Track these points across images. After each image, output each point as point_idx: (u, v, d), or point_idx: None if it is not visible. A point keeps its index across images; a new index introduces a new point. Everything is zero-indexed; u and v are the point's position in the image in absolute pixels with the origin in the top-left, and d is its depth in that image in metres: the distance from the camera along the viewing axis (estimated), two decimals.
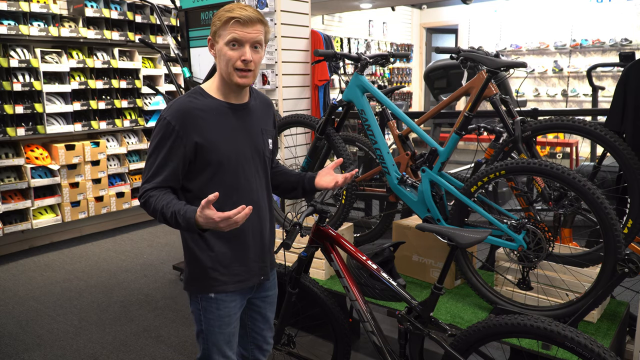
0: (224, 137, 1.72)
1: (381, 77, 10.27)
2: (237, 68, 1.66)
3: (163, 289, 4.00)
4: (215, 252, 1.76)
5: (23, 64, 4.54)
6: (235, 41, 1.64)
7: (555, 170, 2.05)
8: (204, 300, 1.79)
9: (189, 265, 1.81)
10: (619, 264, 1.96)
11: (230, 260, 1.78)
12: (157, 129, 1.69)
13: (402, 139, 2.71)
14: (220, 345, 1.84)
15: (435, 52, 2.55)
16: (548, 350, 2.06)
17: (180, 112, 1.66)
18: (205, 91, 1.75)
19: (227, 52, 1.66)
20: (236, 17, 1.62)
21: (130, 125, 5.47)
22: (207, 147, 1.68)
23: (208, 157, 1.69)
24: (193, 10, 3.93)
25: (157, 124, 1.69)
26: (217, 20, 1.67)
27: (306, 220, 2.16)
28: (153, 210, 1.65)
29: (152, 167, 1.68)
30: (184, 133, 1.65)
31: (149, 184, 1.68)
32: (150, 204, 1.65)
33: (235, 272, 1.80)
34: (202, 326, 1.82)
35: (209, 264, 1.76)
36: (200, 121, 1.68)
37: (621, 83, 2.29)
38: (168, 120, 1.66)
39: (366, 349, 3.01)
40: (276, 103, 3.62)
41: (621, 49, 8.61)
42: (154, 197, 1.65)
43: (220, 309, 1.80)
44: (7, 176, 4.61)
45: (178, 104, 1.69)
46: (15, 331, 3.34)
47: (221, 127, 1.72)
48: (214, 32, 1.69)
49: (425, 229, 2.03)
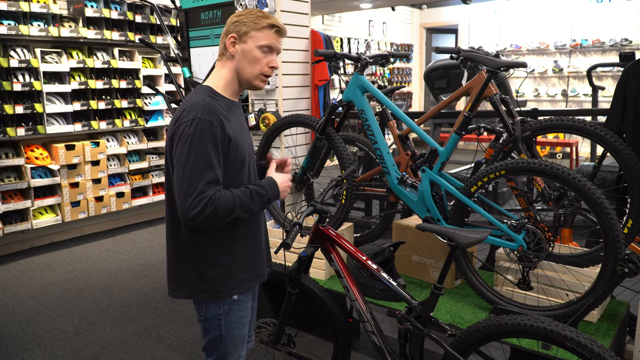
0: (242, 135, 1.75)
1: (381, 77, 10.27)
2: (263, 73, 1.73)
3: (163, 289, 4.00)
4: (239, 251, 1.76)
5: (23, 64, 4.54)
6: (269, 48, 1.70)
7: (555, 170, 2.05)
8: (227, 304, 1.76)
9: (209, 270, 1.72)
10: (619, 264, 1.95)
11: (252, 257, 1.81)
12: (197, 131, 1.57)
13: (402, 139, 2.71)
14: (237, 346, 1.84)
15: (435, 52, 2.55)
16: (548, 350, 2.06)
17: (212, 111, 1.62)
18: (216, 90, 1.73)
19: (258, 55, 1.69)
20: (278, 26, 1.71)
21: (130, 125, 5.47)
22: (235, 144, 1.67)
23: (235, 155, 1.69)
24: (193, 10, 3.93)
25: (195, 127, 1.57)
26: (251, 22, 1.68)
27: (306, 220, 2.16)
28: (228, 209, 1.58)
29: (204, 172, 1.57)
30: (223, 130, 1.62)
31: (210, 191, 1.56)
32: (222, 206, 1.57)
33: (256, 268, 1.83)
34: (222, 331, 1.79)
35: (234, 264, 1.75)
36: (226, 119, 1.66)
37: (621, 83, 2.29)
38: (209, 121, 1.59)
39: (366, 349, 3.01)
40: (276, 103, 3.62)
41: (621, 49, 8.61)
42: (221, 198, 1.58)
43: (242, 309, 1.80)
44: (7, 176, 4.61)
45: (207, 104, 1.63)
46: (15, 331, 3.34)
47: (237, 124, 1.74)
48: (246, 32, 1.68)
49: (425, 229, 2.03)
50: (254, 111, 3.69)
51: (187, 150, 1.57)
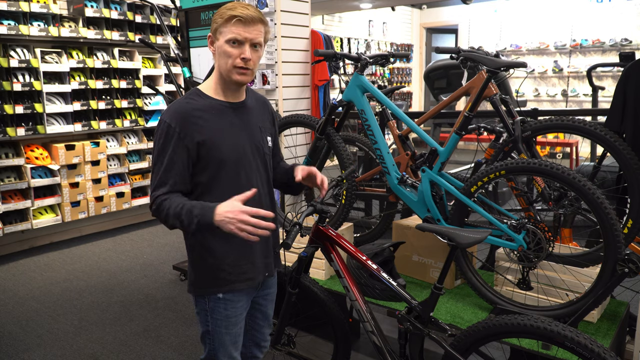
0: (225, 136, 1.72)
1: (381, 77, 10.27)
2: (236, 66, 1.68)
3: (163, 289, 4.00)
4: (223, 251, 1.76)
5: (23, 64, 4.54)
6: (236, 40, 1.66)
7: (555, 170, 2.05)
8: (212, 301, 1.79)
9: (196, 266, 1.80)
10: (619, 264, 1.95)
11: (237, 259, 1.79)
12: (158, 133, 1.68)
13: (402, 139, 2.71)
14: (226, 345, 1.84)
15: (435, 52, 2.55)
16: (548, 350, 2.06)
17: (178, 114, 1.67)
18: (202, 92, 1.76)
19: (227, 50, 1.67)
20: (238, 15, 1.64)
21: (130, 125, 5.47)
22: (208, 145, 1.68)
23: (210, 156, 1.69)
24: (193, 10, 3.93)
25: (158, 129, 1.69)
26: (218, 18, 1.68)
27: (306, 220, 2.16)
28: (166, 214, 1.64)
29: (159, 173, 1.67)
30: (185, 134, 1.66)
31: (158, 191, 1.67)
32: (163, 209, 1.64)
33: (243, 270, 1.81)
34: (209, 327, 1.82)
35: (217, 263, 1.76)
36: (200, 121, 1.68)
37: (621, 83, 2.29)
38: (168, 123, 1.66)
39: (366, 349, 3.01)
40: (276, 103, 3.62)
41: (621, 49, 8.61)
42: (167, 200, 1.64)
43: (228, 309, 1.80)
44: (7, 176, 4.61)
45: (176, 106, 1.70)
46: (15, 331, 3.34)
47: (221, 125, 1.72)
48: (215, 29, 1.69)
49: (425, 229, 2.03)
50: None
51: (153, 149, 1.72)
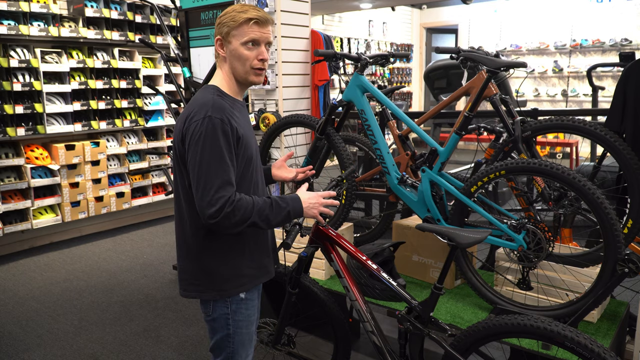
0: (249, 132, 1.75)
1: (381, 77, 10.27)
2: (254, 67, 1.69)
3: (163, 289, 4.00)
4: (247, 248, 1.76)
5: (23, 64, 4.54)
6: (253, 41, 1.67)
7: (555, 170, 2.05)
8: (234, 302, 1.76)
9: (218, 269, 1.72)
10: (619, 264, 1.95)
11: (259, 253, 1.81)
12: (209, 130, 1.57)
13: (402, 139, 2.71)
14: (245, 345, 1.83)
15: (435, 52, 2.55)
16: (548, 350, 2.06)
17: (222, 108, 1.63)
18: (222, 90, 1.74)
19: (244, 52, 1.67)
20: (254, 18, 1.65)
21: (130, 125, 5.47)
22: (244, 142, 1.68)
23: (245, 152, 1.69)
24: (193, 10, 3.93)
25: (206, 126, 1.57)
26: (230, 21, 1.67)
27: (306, 220, 2.16)
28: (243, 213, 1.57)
29: (220, 171, 1.56)
30: (232, 130, 1.61)
31: (227, 191, 1.56)
32: (241, 207, 1.57)
33: (264, 264, 1.84)
34: (230, 330, 1.78)
35: (243, 260, 1.76)
36: (234, 117, 1.66)
37: (621, 83, 2.29)
38: (220, 119, 1.59)
39: (366, 349, 3.01)
40: (276, 103, 3.62)
41: (621, 49, 8.61)
42: (242, 199, 1.59)
43: (249, 307, 1.81)
44: (7, 176, 4.61)
45: (217, 102, 1.63)
46: (15, 331, 3.34)
47: (244, 122, 1.75)
48: (227, 32, 1.68)
49: (425, 229, 2.03)
50: (254, 111, 3.69)
51: (201, 149, 1.57)
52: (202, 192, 1.56)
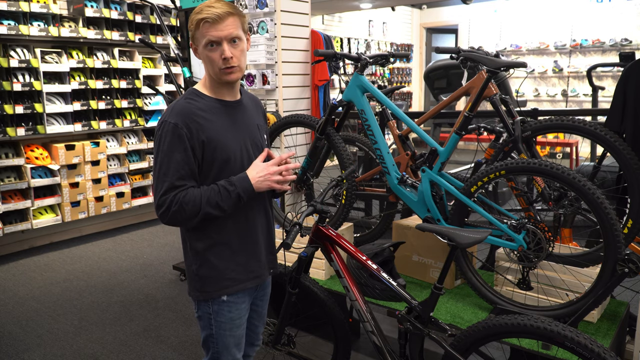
0: (228, 134, 1.72)
1: (381, 77, 10.27)
2: (221, 68, 1.66)
3: (163, 289, 4.00)
4: (232, 251, 1.76)
5: (23, 64, 4.54)
6: (211, 42, 1.64)
7: (555, 170, 2.05)
8: (216, 304, 1.78)
9: (200, 269, 1.76)
10: (619, 264, 1.95)
11: (246, 257, 1.80)
12: (163, 134, 1.63)
13: (402, 139, 2.71)
14: (230, 348, 1.84)
15: (435, 52, 2.55)
16: (548, 350, 2.06)
17: (182, 113, 1.65)
18: (200, 92, 1.74)
19: (208, 55, 1.66)
20: (204, 17, 1.61)
21: (130, 125, 5.47)
22: (213, 145, 1.67)
23: (215, 155, 1.68)
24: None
25: (162, 130, 1.64)
26: (190, 25, 1.67)
27: (306, 220, 2.16)
28: (192, 205, 1.61)
29: (168, 175, 1.62)
30: (191, 134, 1.63)
31: (172, 192, 1.62)
32: (187, 202, 1.60)
33: (251, 269, 1.82)
34: (213, 330, 1.81)
35: (226, 263, 1.76)
36: (203, 120, 1.67)
37: (621, 83, 2.29)
38: (173, 123, 1.63)
39: (366, 349, 3.01)
40: (276, 103, 3.62)
41: (621, 49, 8.61)
42: (187, 195, 1.62)
43: (232, 311, 1.80)
44: (7, 176, 4.61)
45: (179, 107, 1.67)
46: (15, 331, 3.34)
47: (223, 124, 1.72)
48: (192, 36, 1.69)
49: (425, 229, 2.03)
50: None
51: (155, 152, 1.66)
52: (154, 194, 1.65)
